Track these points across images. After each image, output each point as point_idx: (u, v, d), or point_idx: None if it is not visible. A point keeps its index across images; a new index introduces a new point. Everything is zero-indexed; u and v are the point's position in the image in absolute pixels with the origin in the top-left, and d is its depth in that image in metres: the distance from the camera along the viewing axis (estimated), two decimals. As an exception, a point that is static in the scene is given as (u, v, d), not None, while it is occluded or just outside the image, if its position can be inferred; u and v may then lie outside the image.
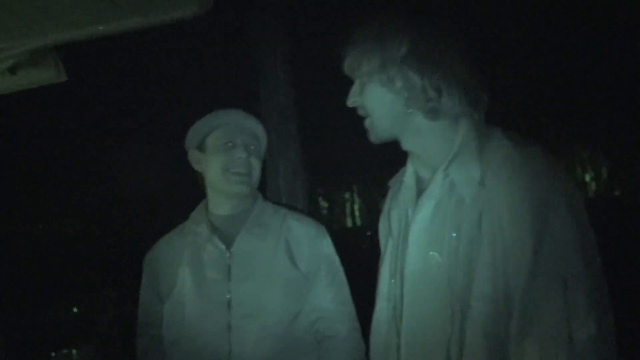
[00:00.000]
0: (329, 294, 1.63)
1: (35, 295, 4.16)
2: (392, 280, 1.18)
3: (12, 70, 1.43)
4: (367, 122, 1.17)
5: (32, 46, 1.38)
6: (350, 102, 1.17)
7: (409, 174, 1.20)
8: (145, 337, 1.69)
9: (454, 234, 1.05)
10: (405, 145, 1.18)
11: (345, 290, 1.67)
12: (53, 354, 3.78)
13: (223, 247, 1.60)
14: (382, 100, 1.12)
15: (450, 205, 1.07)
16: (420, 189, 1.16)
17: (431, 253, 1.07)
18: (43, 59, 1.46)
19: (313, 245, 1.65)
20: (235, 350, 1.52)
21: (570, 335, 0.94)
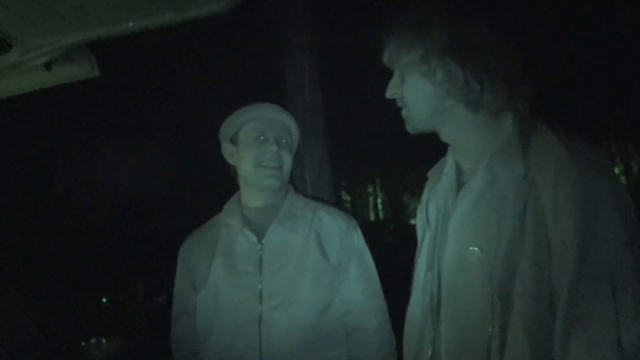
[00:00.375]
0: (359, 287, 1.63)
1: (65, 286, 4.25)
2: (429, 273, 1.16)
3: (48, 66, 1.46)
4: (404, 112, 1.15)
5: (66, 42, 1.41)
6: (390, 93, 1.15)
7: (449, 165, 1.18)
8: (179, 326, 1.72)
9: (496, 229, 1.02)
10: (445, 137, 1.15)
11: (376, 283, 1.67)
12: (83, 343, 3.87)
13: (255, 239, 1.62)
14: (422, 92, 1.10)
15: (492, 199, 1.04)
16: (461, 181, 1.14)
17: (471, 248, 1.05)
18: (77, 55, 1.48)
19: (344, 238, 1.65)
20: (266, 340, 1.54)
21: (619, 337, 0.91)
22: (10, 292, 1.32)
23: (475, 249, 1.05)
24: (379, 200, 22.09)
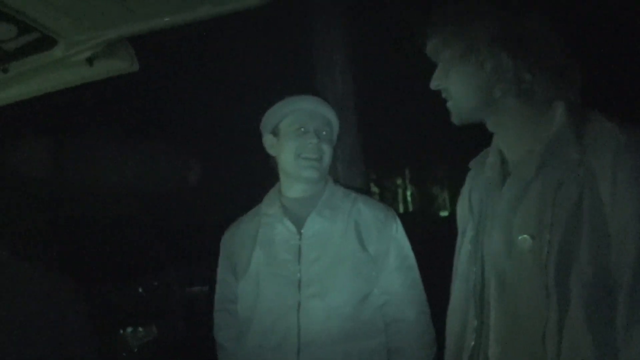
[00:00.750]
0: (398, 278, 1.63)
1: (102, 276, 4.36)
2: (472, 262, 1.15)
3: (90, 61, 1.50)
4: (449, 104, 1.14)
5: (108, 38, 1.44)
6: (434, 85, 1.14)
7: (494, 154, 1.17)
8: (222, 312, 1.77)
9: (550, 217, 1.00)
10: (492, 127, 1.14)
11: (415, 274, 1.67)
12: (121, 331, 3.97)
13: (294, 228, 1.64)
14: (470, 83, 1.08)
15: (544, 187, 1.02)
16: (506, 171, 1.13)
17: (522, 236, 1.04)
18: (118, 50, 1.52)
19: (382, 229, 1.65)
20: (304, 328, 1.56)
21: None
22: (59, 280, 1.37)
23: (526, 236, 1.03)
24: (408, 193, 21.96)
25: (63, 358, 1.28)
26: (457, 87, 1.11)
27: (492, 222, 1.11)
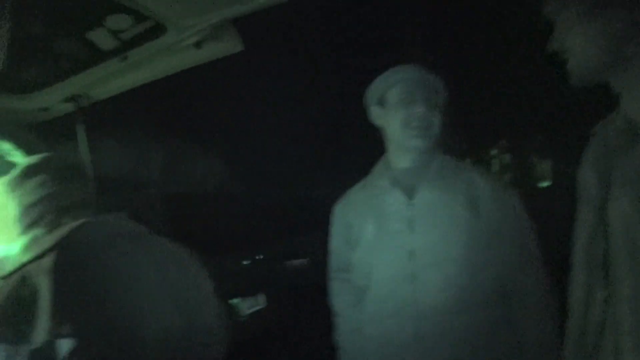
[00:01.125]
0: (515, 248, 1.58)
1: (207, 250, 4.60)
2: (597, 230, 1.09)
3: (198, 44, 1.58)
4: (570, 65, 1.07)
5: (213, 21, 1.50)
6: (556, 46, 1.08)
7: (621, 118, 1.08)
8: (337, 281, 1.82)
9: None
10: (620, 88, 1.06)
11: (532, 244, 1.61)
12: (230, 301, 4.20)
13: (404, 198, 1.64)
14: (598, 42, 1.01)
15: None
16: (635, 135, 1.06)
17: None
18: (222, 33, 1.58)
19: (497, 199, 1.61)
20: (420, 298, 1.56)
21: None
22: (187, 249, 1.48)
23: None
24: (504, 163, 21.04)
25: (200, 321, 1.39)
26: (583, 46, 1.03)
27: (621, 189, 1.04)
